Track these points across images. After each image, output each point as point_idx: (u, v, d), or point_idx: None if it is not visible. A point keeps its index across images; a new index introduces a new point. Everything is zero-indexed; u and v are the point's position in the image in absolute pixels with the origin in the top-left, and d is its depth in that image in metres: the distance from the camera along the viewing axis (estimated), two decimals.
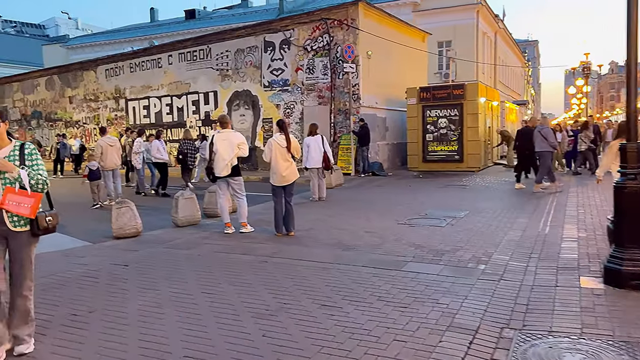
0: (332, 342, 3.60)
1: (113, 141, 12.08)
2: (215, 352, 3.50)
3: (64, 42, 49.99)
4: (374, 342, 3.58)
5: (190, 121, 21.80)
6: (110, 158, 11.67)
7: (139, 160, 13.45)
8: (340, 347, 3.51)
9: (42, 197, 3.57)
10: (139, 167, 13.51)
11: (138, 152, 13.42)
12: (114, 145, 11.90)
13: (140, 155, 13.42)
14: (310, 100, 17.68)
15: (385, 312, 4.15)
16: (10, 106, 31.63)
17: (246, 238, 7.28)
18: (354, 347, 3.51)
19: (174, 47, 22.20)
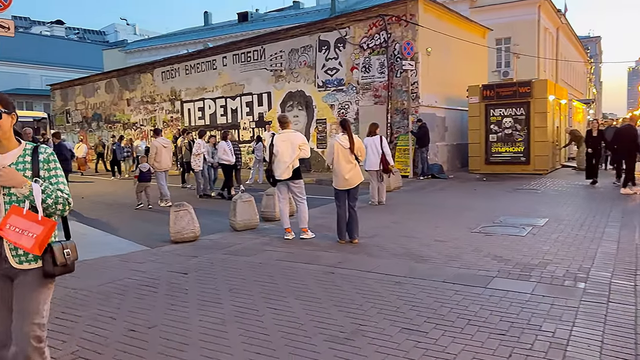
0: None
1: (167, 143, 12.01)
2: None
3: (123, 47, 51.74)
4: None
5: (244, 123, 21.75)
6: (164, 159, 11.73)
7: (200, 162, 13.01)
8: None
9: (56, 225, 2.54)
10: (199, 169, 13.06)
11: (199, 153, 13.00)
12: (167, 146, 11.87)
13: (201, 157, 13.04)
14: (366, 100, 17.13)
15: (480, 340, 3.56)
16: (72, 109, 32.90)
17: (308, 245, 6.84)
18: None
19: (228, 49, 22.22)
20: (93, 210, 10.98)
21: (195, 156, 12.98)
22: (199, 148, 13.05)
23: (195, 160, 12.98)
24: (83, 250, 6.76)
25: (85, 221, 9.41)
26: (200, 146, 13.06)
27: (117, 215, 10.38)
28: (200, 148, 13.03)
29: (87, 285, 5.14)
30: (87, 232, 7.96)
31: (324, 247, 6.68)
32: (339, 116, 17.92)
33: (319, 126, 18.66)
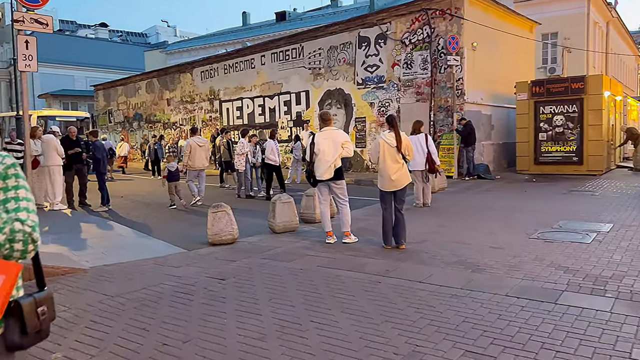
0: None
1: (202, 142, 11.75)
2: None
3: (164, 48, 52.64)
4: None
5: (281, 122, 21.52)
6: (198, 158, 11.53)
7: (243, 162, 12.56)
8: None
9: (21, 270, 1.59)
10: (243, 169, 12.62)
11: (242, 153, 12.54)
12: (203, 145, 11.63)
13: (244, 157, 12.60)
14: (408, 97, 16.56)
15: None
16: (114, 109, 33.57)
17: (351, 250, 6.42)
18: None
19: (266, 47, 22.04)
20: (132, 210, 10.90)
21: (239, 156, 12.54)
22: (242, 147, 12.55)
23: (239, 160, 12.56)
24: (119, 252, 6.60)
25: (123, 221, 9.29)
26: (243, 146, 12.61)
27: (155, 215, 10.24)
28: (244, 147, 12.57)
29: (121, 290, 4.89)
30: (125, 233, 7.80)
31: (369, 253, 6.25)
32: (379, 114, 17.42)
33: (358, 125, 18.20)
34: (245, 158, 12.60)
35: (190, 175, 11.61)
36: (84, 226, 8.38)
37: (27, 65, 6.96)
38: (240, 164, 12.54)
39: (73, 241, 7.15)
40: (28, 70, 7.00)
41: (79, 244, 6.99)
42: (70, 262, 5.80)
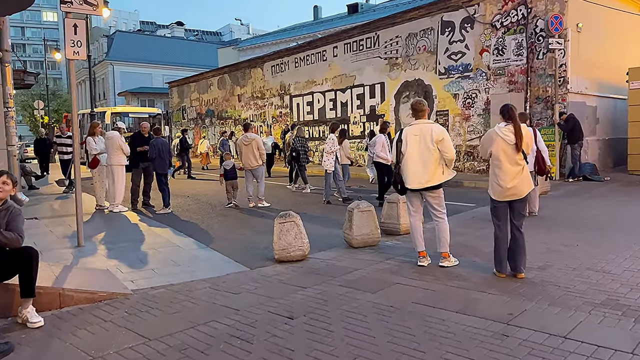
0: None
1: (249, 139, 10.51)
2: None
3: (236, 45, 52.99)
4: None
5: (354, 117, 20.24)
6: (244, 157, 10.57)
7: (332, 162, 11.01)
8: None
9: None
10: (332, 169, 11.02)
11: (331, 151, 11.02)
12: (248, 144, 10.48)
13: (333, 155, 11.01)
14: (498, 87, 14.70)
15: None
16: (188, 105, 33.79)
17: (452, 278, 5.02)
18: None
19: (339, 38, 20.83)
20: (194, 212, 10.08)
21: (328, 154, 11.01)
22: (332, 145, 11.02)
23: (328, 159, 11.02)
24: (172, 269, 5.60)
25: (183, 226, 8.43)
26: (334, 142, 11.08)
27: (219, 219, 9.32)
28: (334, 144, 11.06)
29: (161, 331, 3.83)
30: (182, 243, 6.86)
31: (477, 283, 4.83)
32: (464, 107, 15.67)
33: (440, 119, 16.52)
34: (335, 157, 11.17)
35: (245, 177, 10.75)
36: (139, 233, 7.56)
37: (75, 52, 6.15)
38: (329, 164, 10.98)
39: (124, 252, 6.28)
40: (76, 58, 6.19)
41: (130, 256, 6.10)
42: (111, 284, 4.86)
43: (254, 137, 10.54)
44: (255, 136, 10.67)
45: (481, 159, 15.20)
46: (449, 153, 5.35)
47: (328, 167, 11.03)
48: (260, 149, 10.51)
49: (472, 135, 15.49)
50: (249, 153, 10.49)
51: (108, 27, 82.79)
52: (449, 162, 5.38)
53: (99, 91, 60.51)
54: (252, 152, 10.45)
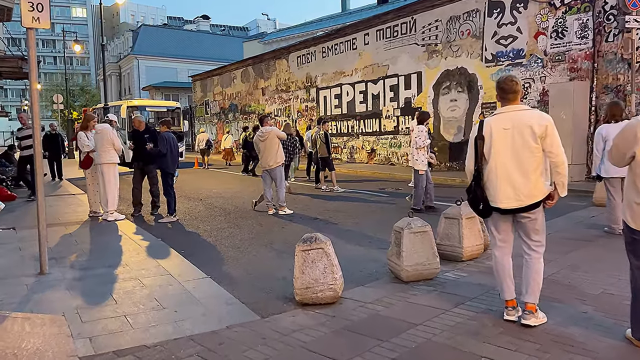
0: None
1: (264, 134, 8.93)
2: None
3: (262, 38, 51.59)
4: None
5: (386, 110, 18.46)
6: (262, 156, 9.11)
7: (424, 161, 8.62)
8: None
9: None
10: (424, 170, 8.64)
11: (423, 146, 8.53)
12: (265, 139, 8.90)
13: (424, 151, 8.61)
14: (557, 76, 12.72)
15: None
16: (211, 99, 32.50)
17: (564, 345, 3.29)
18: None
19: (370, 24, 19.05)
20: (204, 221, 8.52)
21: (419, 150, 8.57)
22: (424, 138, 8.52)
23: (419, 156, 8.61)
24: (153, 315, 2.83)
25: (185, 241, 6.88)
26: (425, 136, 8.54)
27: (231, 231, 7.73)
28: (425, 138, 8.55)
29: None
30: (175, 270, 5.26)
31: (608, 357, 3.09)
32: None
33: (486, 112, 14.63)
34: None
35: (263, 179, 9.25)
36: (127, 253, 6.01)
37: (35, 18, 4.61)
38: (421, 162, 8.63)
39: (96, 286, 4.74)
40: (37, 26, 4.65)
41: (102, 292, 4.56)
42: (55, 348, 3.30)
43: (269, 130, 8.93)
44: (272, 128, 9.05)
45: None
46: (558, 155, 3.59)
47: (420, 166, 8.63)
48: (280, 136, 9.02)
49: None
50: (265, 150, 8.91)
51: (135, 22, 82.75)
52: (559, 168, 3.60)
53: (124, 86, 60.07)
54: (270, 148, 8.86)
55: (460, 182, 13.05)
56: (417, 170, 8.69)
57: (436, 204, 8.98)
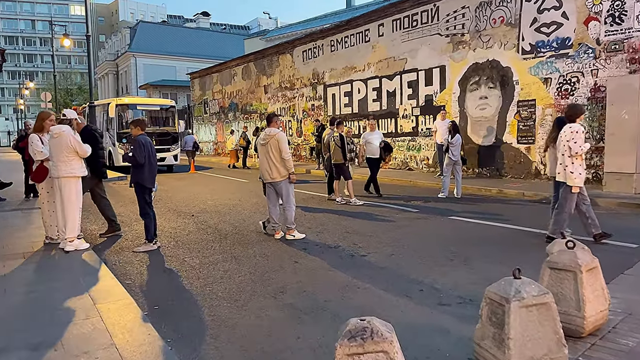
0: None
1: (266, 138, 7.01)
2: None
3: (264, 35, 49.71)
4: None
5: (404, 109, 16.55)
6: (260, 164, 7.25)
7: (581, 172, 6.12)
8: None
9: None
10: (581, 185, 6.17)
11: (581, 152, 6.06)
12: (265, 143, 6.98)
13: (581, 160, 6.14)
14: (613, 68, 10.80)
15: None
16: (210, 98, 30.64)
17: None
18: None
19: (385, 13, 17.13)
20: (194, 251, 6.62)
21: (575, 158, 6.06)
22: (581, 142, 5.99)
23: (575, 166, 6.07)
24: None
25: (164, 289, 4.99)
26: (580, 137, 6.02)
27: (225, 266, 5.83)
28: (583, 141, 6.05)
29: None
30: (138, 353, 3.35)
31: None
32: (560, 95, 11.82)
33: (523, 111, 12.72)
34: None
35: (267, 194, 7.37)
36: (67, 323, 4.05)
37: None
38: (578, 176, 6.09)
39: None
40: None
41: None
42: None
43: (273, 134, 6.97)
44: (277, 131, 7.05)
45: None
46: None
47: (576, 180, 6.10)
48: (283, 151, 6.92)
49: None
50: (264, 157, 7.00)
51: (135, 20, 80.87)
52: None
53: (121, 84, 58.17)
54: (270, 155, 6.93)
55: (498, 193, 11.14)
56: (570, 186, 6.14)
57: (510, 228, 7.07)
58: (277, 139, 6.85)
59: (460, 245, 6.48)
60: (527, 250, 6.14)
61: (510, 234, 7.19)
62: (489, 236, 7.07)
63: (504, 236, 7.04)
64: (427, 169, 15.64)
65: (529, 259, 5.24)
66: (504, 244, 6.59)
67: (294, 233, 7.06)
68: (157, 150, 18.59)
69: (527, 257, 5.64)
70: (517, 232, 7.23)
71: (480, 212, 8.92)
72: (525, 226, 7.54)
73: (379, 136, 11.43)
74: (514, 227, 7.57)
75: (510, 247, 6.42)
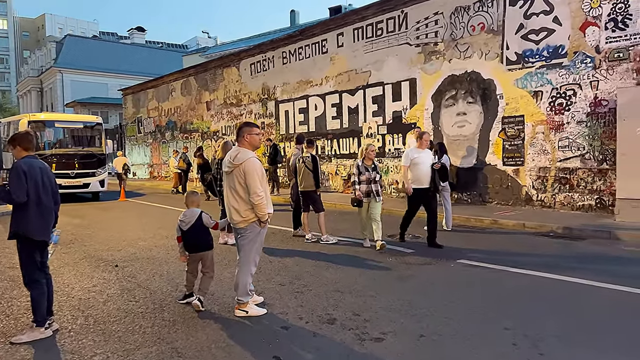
0: None
1: (231, 166, 4.74)
2: None
3: (204, 52, 47.17)
4: None
5: (368, 127, 14.79)
6: (228, 200, 4.83)
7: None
8: None
9: None
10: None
11: None
12: (230, 172, 4.70)
13: None
14: (616, 80, 9.49)
15: None
16: (144, 116, 27.81)
17: None
18: None
19: (345, 21, 15.43)
20: (110, 336, 4.28)
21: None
22: None
23: None
24: None
25: None
26: None
27: None
28: None
29: None
30: None
31: None
32: (552, 109, 10.42)
33: (509, 129, 11.23)
34: None
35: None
36: None
37: None
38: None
39: None
40: None
41: None
42: None
43: (240, 160, 4.61)
44: (247, 156, 4.60)
45: (585, 188, 9.92)
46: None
47: None
48: (252, 187, 4.49)
49: (568, 153, 10.21)
50: (227, 190, 4.72)
51: (63, 36, 75.68)
52: None
53: (45, 102, 53.37)
54: (232, 191, 4.67)
55: (492, 224, 9.44)
56: None
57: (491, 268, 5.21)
58: (245, 170, 4.57)
59: (506, 312, 4.56)
60: (603, 316, 4.31)
61: (557, 286, 5.35)
62: (533, 291, 5.20)
63: (553, 290, 5.20)
64: (396, 194, 13.85)
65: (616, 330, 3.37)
66: (560, 303, 4.72)
67: (248, 308, 4.71)
68: (80, 175, 16.09)
69: (611, 327, 3.81)
70: (565, 285, 5.41)
71: (491, 252, 7.11)
72: (569, 274, 5.75)
73: (429, 156, 7.96)
74: (553, 276, 5.75)
75: (575, 308, 4.56)
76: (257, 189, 4.50)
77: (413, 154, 7.80)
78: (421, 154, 7.79)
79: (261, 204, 4.51)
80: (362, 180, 7.52)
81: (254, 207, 4.52)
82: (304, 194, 8.34)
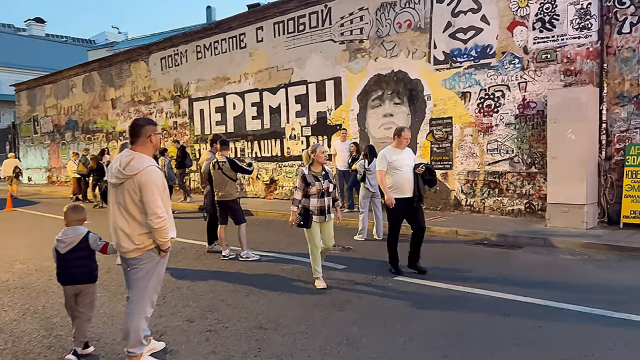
0: None
1: (119, 175, 3.51)
2: None
3: (112, 47, 43.95)
4: None
5: (291, 128, 13.88)
6: (110, 218, 3.51)
7: None
8: None
9: None
10: None
11: None
12: (118, 184, 3.55)
13: None
14: (545, 81, 9.30)
15: None
16: (41, 115, 25.01)
17: None
18: None
19: (265, 15, 14.41)
20: None
21: None
22: None
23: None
24: None
25: None
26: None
27: None
28: None
29: None
30: None
31: None
32: (481, 111, 10.11)
33: (437, 131, 10.81)
34: None
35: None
36: None
37: None
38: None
39: None
40: None
41: None
42: None
43: (135, 170, 3.43)
44: (144, 165, 3.44)
45: (514, 193, 9.67)
46: None
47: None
48: (149, 206, 3.37)
49: (497, 157, 9.93)
50: (115, 207, 3.55)
51: None
52: None
53: None
54: (121, 209, 3.50)
55: (446, 234, 8.87)
56: None
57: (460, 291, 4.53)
58: (140, 183, 3.41)
59: (470, 349, 3.80)
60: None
61: (524, 310, 4.72)
62: (491, 319, 4.52)
63: (518, 316, 4.54)
64: None
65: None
66: (531, 334, 4.06)
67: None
68: None
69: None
70: (534, 308, 4.79)
71: (430, 267, 6.42)
72: (525, 294, 5.16)
73: (410, 157, 6.40)
74: (511, 297, 5.14)
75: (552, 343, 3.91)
76: (157, 208, 3.39)
77: (391, 155, 6.13)
78: (401, 155, 6.14)
79: (162, 228, 3.40)
80: (312, 194, 5.63)
81: (153, 232, 3.40)
82: (221, 203, 7.24)
